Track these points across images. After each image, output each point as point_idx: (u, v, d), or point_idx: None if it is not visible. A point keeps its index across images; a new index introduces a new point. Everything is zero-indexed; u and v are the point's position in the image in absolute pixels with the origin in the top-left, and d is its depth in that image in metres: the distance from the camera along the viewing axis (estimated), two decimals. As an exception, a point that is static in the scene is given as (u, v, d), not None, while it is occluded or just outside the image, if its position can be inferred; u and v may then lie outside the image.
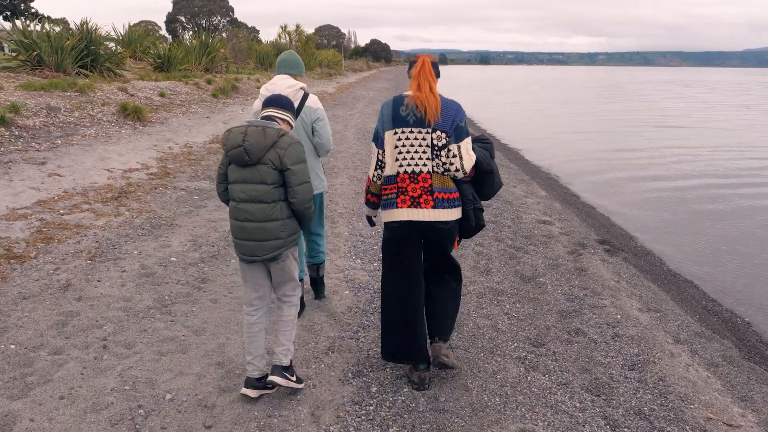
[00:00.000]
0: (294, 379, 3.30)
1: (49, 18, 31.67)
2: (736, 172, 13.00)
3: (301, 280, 3.98)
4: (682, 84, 71.88)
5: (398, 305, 3.40)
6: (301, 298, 4.07)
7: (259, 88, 21.19)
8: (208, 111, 14.87)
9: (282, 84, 3.86)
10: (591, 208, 9.46)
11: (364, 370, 3.65)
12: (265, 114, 3.20)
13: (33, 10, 43.61)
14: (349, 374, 3.60)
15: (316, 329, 4.14)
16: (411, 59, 3.37)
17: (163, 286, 4.73)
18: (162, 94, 14.33)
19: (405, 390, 3.44)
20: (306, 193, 3.09)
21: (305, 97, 3.89)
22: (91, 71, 13.85)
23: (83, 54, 13.64)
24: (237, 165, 3.06)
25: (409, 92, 3.27)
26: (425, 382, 3.46)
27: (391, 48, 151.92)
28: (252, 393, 3.22)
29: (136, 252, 5.42)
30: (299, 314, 4.25)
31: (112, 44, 17.84)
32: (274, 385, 3.29)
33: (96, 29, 14.43)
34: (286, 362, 3.26)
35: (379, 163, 3.36)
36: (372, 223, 3.78)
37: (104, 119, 10.91)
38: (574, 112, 29.09)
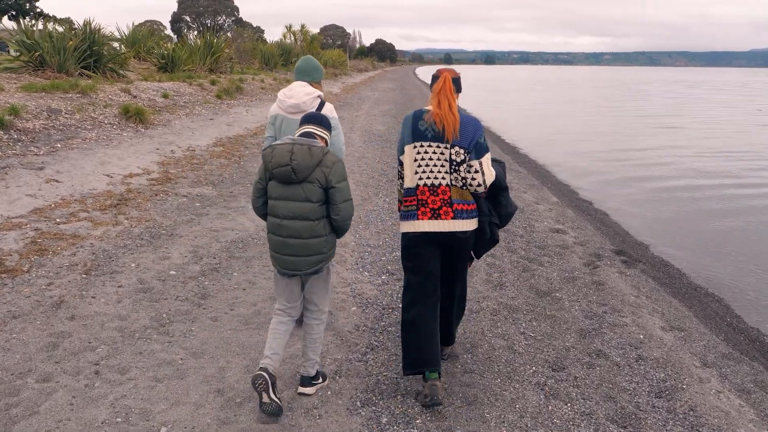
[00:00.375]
0: (320, 380, 3.47)
1: (54, 18, 31.56)
2: (750, 173, 12.71)
3: None
4: (689, 84, 71.34)
5: (416, 311, 3.38)
6: None
7: (263, 88, 21.00)
8: (212, 113, 14.64)
9: (300, 91, 3.84)
10: (604, 214, 9.18)
11: (374, 398, 3.41)
12: (304, 130, 3.19)
13: (38, 10, 43.47)
14: (358, 402, 3.36)
15: (322, 351, 3.90)
16: (433, 74, 3.42)
17: (161, 302, 4.50)
18: (165, 96, 14.12)
19: (418, 421, 3.21)
20: (348, 210, 3.16)
21: (321, 105, 3.86)
22: (94, 72, 13.64)
23: (86, 54, 13.44)
24: (281, 182, 3.07)
25: (429, 107, 3.33)
26: (437, 393, 3.24)
27: (396, 48, 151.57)
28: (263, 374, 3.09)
29: (133, 265, 5.19)
30: None
31: (116, 44, 17.63)
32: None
33: (99, 29, 14.22)
34: (313, 373, 3.42)
35: (400, 173, 3.49)
36: None
37: (106, 122, 10.71)
38: (578, 111, 28.77)
